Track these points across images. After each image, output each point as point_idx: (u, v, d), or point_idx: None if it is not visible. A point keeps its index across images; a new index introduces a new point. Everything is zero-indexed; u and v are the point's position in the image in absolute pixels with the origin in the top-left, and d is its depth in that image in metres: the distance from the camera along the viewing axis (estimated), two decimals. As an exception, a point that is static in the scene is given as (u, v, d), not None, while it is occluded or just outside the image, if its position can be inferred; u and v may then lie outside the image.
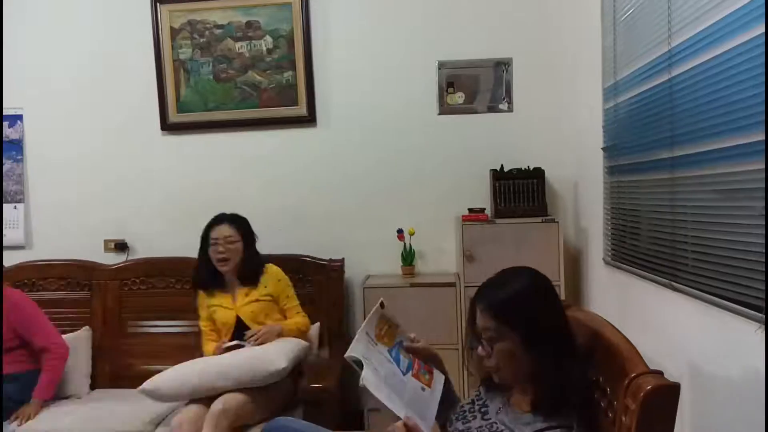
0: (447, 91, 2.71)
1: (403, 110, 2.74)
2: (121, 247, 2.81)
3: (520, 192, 2.50)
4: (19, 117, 2.84)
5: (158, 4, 2.74)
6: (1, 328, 2.20)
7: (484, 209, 2.54)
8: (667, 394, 0.94)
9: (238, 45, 2.74)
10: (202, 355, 2.19)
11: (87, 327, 2.60)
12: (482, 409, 1.29)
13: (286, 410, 2.05)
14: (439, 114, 2.73)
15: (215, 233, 2.26)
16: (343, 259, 2.65)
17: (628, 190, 1.93)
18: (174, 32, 2.75)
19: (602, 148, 2.16)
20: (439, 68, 2.71)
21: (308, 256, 2.65)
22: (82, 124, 2.84)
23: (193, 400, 1.99)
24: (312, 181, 2.78)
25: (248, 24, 2.73)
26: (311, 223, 2.77)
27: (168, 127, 2.79)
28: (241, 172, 2.80)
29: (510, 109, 2.70)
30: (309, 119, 2.75)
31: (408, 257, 2.66)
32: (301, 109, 2.74)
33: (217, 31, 2.75)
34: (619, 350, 1.09)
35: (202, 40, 2.75)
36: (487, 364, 1.20)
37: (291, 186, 2.79)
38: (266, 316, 2.25)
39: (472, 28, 2.69)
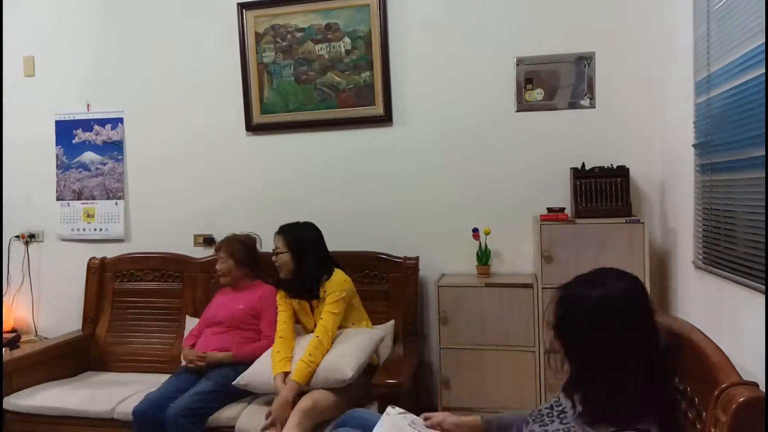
0: (525, 87, 2.66)
1: (480, 108, 2.71)
2: (208, 241, 2.97)
3: (603, 191, 2.41)
4: (120, 120, 3.07)
5: (244, 11, 2.87)
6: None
7: (564, 209, 2.47)
8: (762, 407, 0.88)
9: (318, 47, 2.83)
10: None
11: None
12: (560, 415, 1.27)
13: (361, 405, 2.10)
14: (517, 111, 2.68)
15: (274, 243, 2.38)
16: (417, 257, 2.66)
17: (722, 189, 1.82)
18: (258, 37, 2.88)
19: (693, 145, 2.04)
20: (517, 64, 2.66)
21: (383, 254, 2.69)
22: (174, 125, 3.03)
23: None
24: (388, 180, 2.82)
25: (327, 26, 2.81)
26: (387, 221, 2.81)
27: (252, 128, 2.92)
28: (319, 170, 2.88)
29: (592, 105, 2.61)
30: (385, 118, 2.79)
31: (483, 257, 2.64)
32: (378, 109, 2.79)
33: (298, 34, 2.84)
34: (709, 359, 1.03)
35: (284, 43, 2.86)
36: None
37: (367, 184, 2.84)
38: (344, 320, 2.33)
39: (551, 22, 2.62)
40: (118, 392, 2.40)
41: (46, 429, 2.36)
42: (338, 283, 2.32)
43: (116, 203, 3.08)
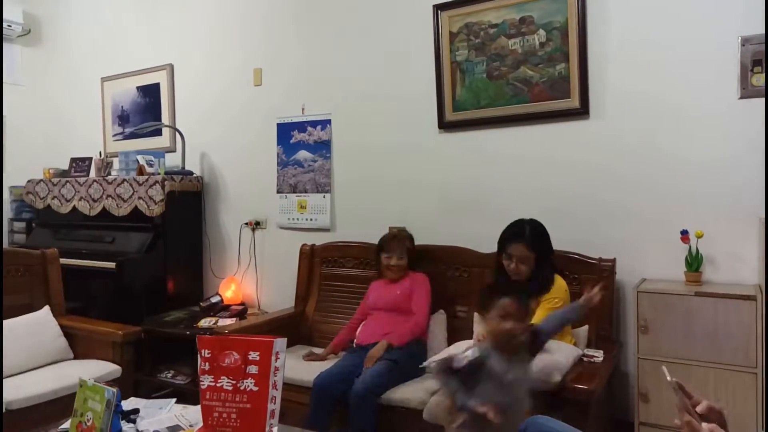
0: (752, 70, 2.31)
1: (691, 96, 2.43)
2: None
3: None
4: (328, 121, 3.40)
5: (439, 12, 2.96)
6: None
7: (800, 211, 2.11)
8: None
9: (511, 42, 2.80)
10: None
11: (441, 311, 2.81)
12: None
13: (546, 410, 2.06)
14: (741, 98, 2.34)
15: (511, 249, 2.37)
16: (614, 259, 2.50)
17: None
18: (452, 36, 2.95)
19: None
20: (742, 44, 2.32)
21: (576, 254, 2.58)
22: (373, 124, 3.25)
23: None
24: (581, 176, 2.69)
25: (522, 20, 2.76)
26: (580, 220, 2.69)
27: (444, 125, 3.02)
28: (510, 166, 2.86)
29: None
30: (581, 111, 2.65)
31: (694, 262, 2.37)
32: (573, 102, 2.66)
33: (492, 31, 2.84)
34: None
35: (477, 40, 2.89)
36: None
37: (559, 180, 2.74)
38: None
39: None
40: (318, 365, 2.65)
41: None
42: (562, 289, 2.33)
43: (324, 196, 3.43)
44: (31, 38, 4.67)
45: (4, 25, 4.36)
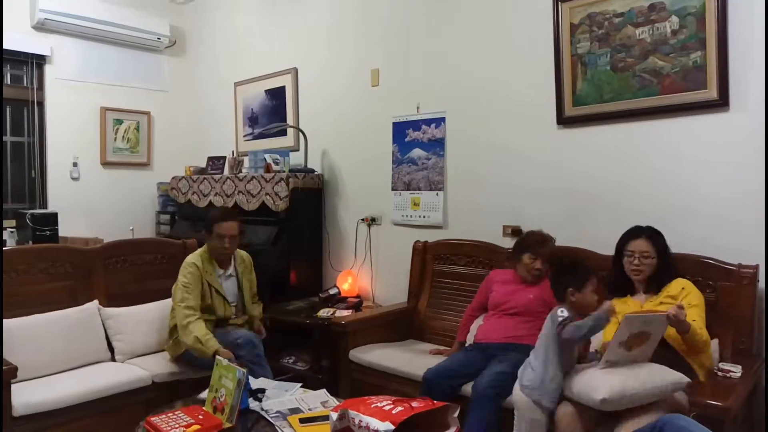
0: None
1: None
2: (516, 232, 3.08)
3: None
4: (443, 119, 3.42)
5: (560, 3, 2.86)
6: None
7: None
8: None
9: (638, 31, 2.63)
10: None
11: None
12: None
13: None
14: None
15: (632, 246, 2.32)
16: (756, 265, 2.27)
17: None
18: (573, 28, 2.83)
19: None
20: None
21: (712, 259, 2.37)
22: (488, 121, 3.21)
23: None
24: (717, 173, 2.46)
25: (651, 7, 2.58)
26: (715, 222, 2.46)
27: (563, 120, 2.91)
28: (634, 163, 2.69)
29: None
30: (720, 103, 2.43)
31: None
32: (711, 92, 2.45)
33: (617, 20, 2.69)
34: None
35: (600, 31, 2.75)
36: None
37: (689, 178, 2.53)
38: None
39: None
40: (429, 360, 2.69)
41: (375, 380, 2.83)
42: (691, 285, 2.26)
43: (437, 194, 3.45)
44: (175, 49, 5.18)
45: (154, 38, 4.89)
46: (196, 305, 2.74)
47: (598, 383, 1.95)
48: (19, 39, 4.29)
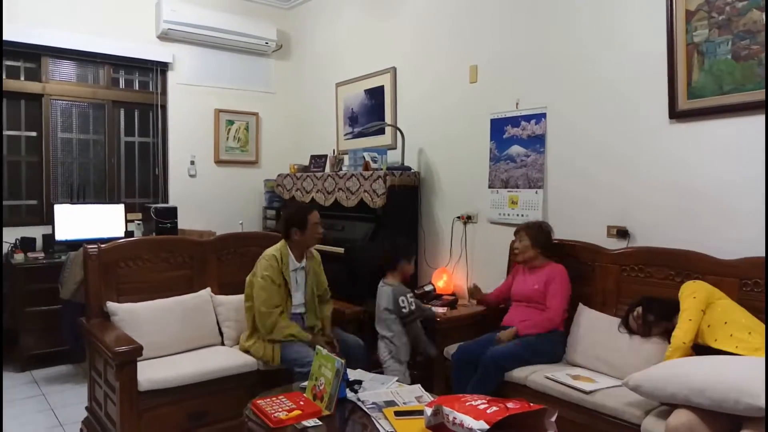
0: None
1: None
2: (621, 233, 2.94)
3: None
4: (543, 115, 3.32)
5: (674, -10, 2.68)
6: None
7: None
8: None
9: (765, 15, 2.40)
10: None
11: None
12: None
13: None
14: None
15: None
16: None
17: None
18: (689, 15, 2.64)
19: None
20: None
21: None
22: (593, 116, 3.08)
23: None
24: None
25: (782, -12, 2.35)
26: None
27: (677, 114, 2.72)
28: (756, 161, 2.45)
29: None
30: None
31: None
32: None
33: (740, 4, 2.47)
34: None
35: (720, 17, 2.54)
36: None
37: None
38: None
39: None
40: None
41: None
42: (689, 285, 2.34)
43: (536, 192, 3.36)
44: (281, 53, 5.46)
45: (262, 42, 5.17)
46: (279, 299, 2.89)
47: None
48: (146, 48, 4.74)
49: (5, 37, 4.05)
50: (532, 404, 1.86)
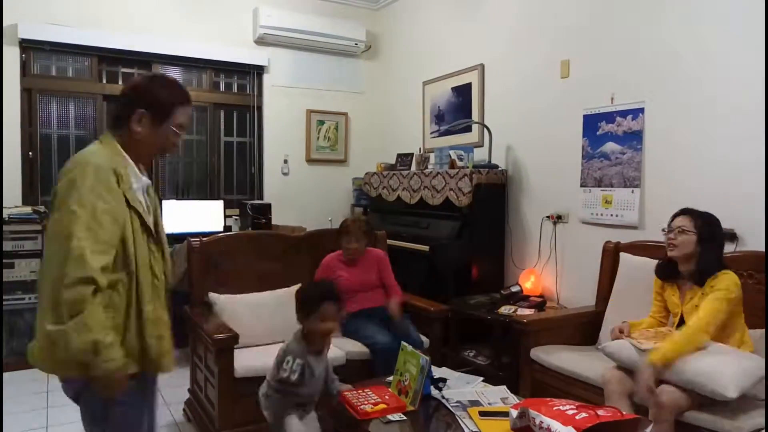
0: None
1: None
2: (729, 237, 2.73)
3: None
4: (641, 110, 3.15)
5: (794, -29, 2.45)
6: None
7: None
8: None
9: None
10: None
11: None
12: None
13: None
14: None
15: (673, 223, 2.44)
16: None
17: None
18: (812, -2, 2.41)
19: None
20: None
21: None
22: (694, 112, 2.89)
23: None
24: None
25: None
26: None
27: (795, 108, 2.49)
28: None
29: None
30: None
31: None
32: None
33: None
34: None
35: None
36: None
37: None
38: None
39: None
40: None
41: (556, 382, 2.76)
42: (733, 282, 2.27)
43: (632, 191, 3.20)
44: (370, 53, 5.56)
45: (352, 44, 5.30)
46: None
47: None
48: (245, 53, 5.01)
49: (119, 47, 4.47)
50: (624, 413, 1.78)
